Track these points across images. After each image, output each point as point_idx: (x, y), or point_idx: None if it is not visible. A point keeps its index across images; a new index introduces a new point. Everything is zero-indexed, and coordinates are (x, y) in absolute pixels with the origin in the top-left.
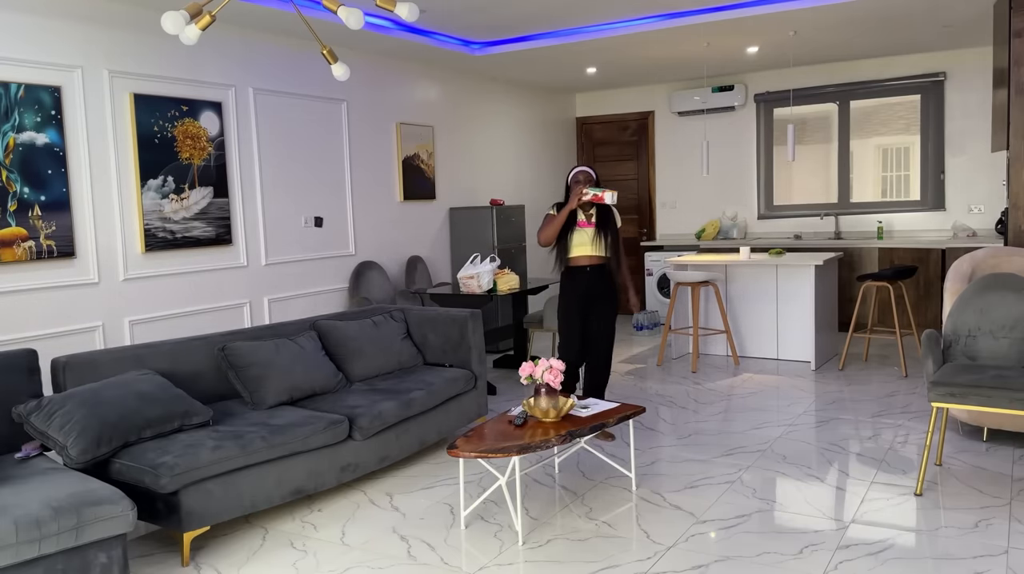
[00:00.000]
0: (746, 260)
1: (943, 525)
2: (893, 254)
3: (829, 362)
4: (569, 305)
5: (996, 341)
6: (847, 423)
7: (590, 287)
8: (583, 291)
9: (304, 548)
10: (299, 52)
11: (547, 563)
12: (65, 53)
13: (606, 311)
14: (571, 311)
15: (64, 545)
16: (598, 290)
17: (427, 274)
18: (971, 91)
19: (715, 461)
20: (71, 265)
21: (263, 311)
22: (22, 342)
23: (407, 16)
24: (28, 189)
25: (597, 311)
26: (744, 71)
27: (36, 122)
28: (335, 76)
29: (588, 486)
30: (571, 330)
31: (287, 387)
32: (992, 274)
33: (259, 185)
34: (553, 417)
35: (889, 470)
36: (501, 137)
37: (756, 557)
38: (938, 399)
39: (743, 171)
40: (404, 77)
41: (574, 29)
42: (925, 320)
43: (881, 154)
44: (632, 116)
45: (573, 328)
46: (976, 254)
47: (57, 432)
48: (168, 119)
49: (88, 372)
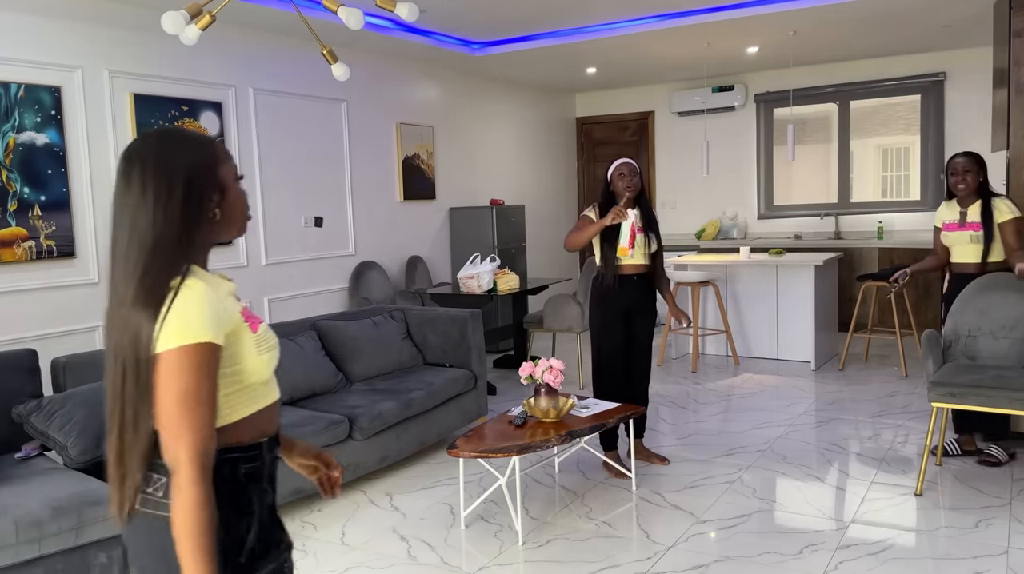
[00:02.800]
0: (746, 260)
1: (943, 525)
2: (893, 254)
3: (829, 362)
4: (611, 319)
5: (996, 341)
6: (847, 423)
7: (636, 299)
8: (628, 303)
9: (304, 548)
10: (299, 52)
11: (547, 563)
12: (65, 53)
13: (648, 326)
14: (612, 326)
15: (64, 545)
16: (642, 302)
17: (427, 274)
18: (971, 91)
19: (715, 461)
20: (71, 265)
21: (263, 311)
22: (22, 342)
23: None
24: (28, 189)
25: (639, 324)
26: (744, 71)
27: (36, 122)
28: (335, 76)
29: (588, 486)
30: (614, 346)
31: (287, 387)
32: (992, 274)
33: (259, 185)
34: (553, 417)
35: (889, 470)
36: (501, 137)
37: (756, 557)
38: (938, 399)
39: (743, 171)
40: (404, 77)
41: (574, 29)
42: (925, 320)
43: (881, 154)
44: (632, 116)
45: (616, 344)
46: None
47: (57, 432)
48: (168, 119)
49: (88, 372)
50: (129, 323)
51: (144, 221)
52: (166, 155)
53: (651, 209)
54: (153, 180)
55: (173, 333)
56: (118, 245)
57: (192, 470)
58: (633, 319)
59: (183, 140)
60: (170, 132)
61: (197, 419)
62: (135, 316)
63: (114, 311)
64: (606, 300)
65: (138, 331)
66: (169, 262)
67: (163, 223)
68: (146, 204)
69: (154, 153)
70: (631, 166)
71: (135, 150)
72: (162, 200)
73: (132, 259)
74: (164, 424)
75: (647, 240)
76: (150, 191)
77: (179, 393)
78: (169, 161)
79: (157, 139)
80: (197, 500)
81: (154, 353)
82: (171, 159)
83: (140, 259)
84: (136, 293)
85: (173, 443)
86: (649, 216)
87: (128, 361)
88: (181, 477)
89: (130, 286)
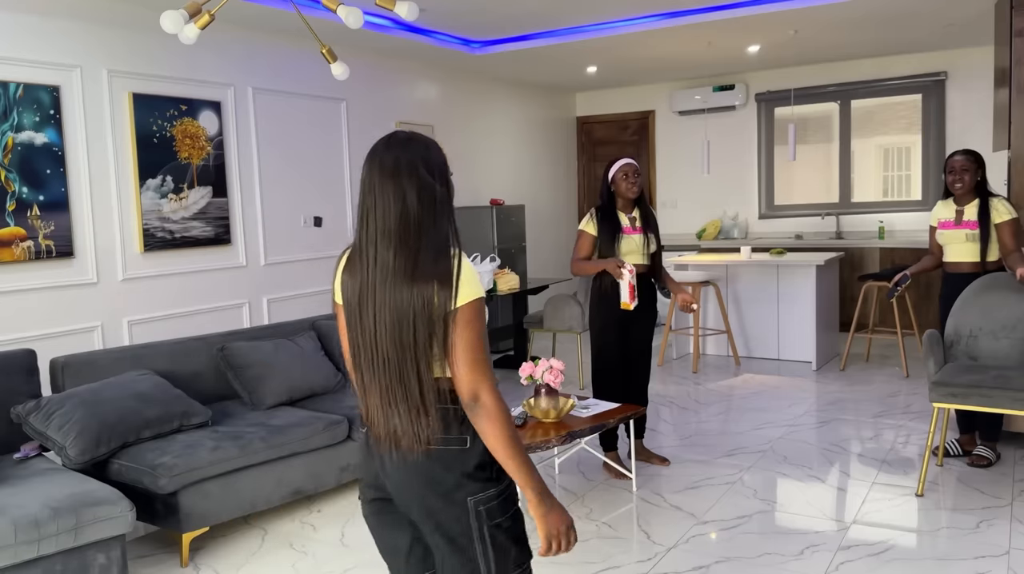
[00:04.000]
0: (747, 260)
1: (944, 526)
2: (894, 254)
3: (830, 362)
4: (611, 319)
5: (997, 341)
6: (848, 423)
7: (637, 299)
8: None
9: (303, 549)
10: (298, 51)
11: (547, 563)
12: (64, 53)
13: (649, 325)
14: (612, 327)
15: (63, 546)
16: (642, 303)
17: None
18: (972, 90)
19: (716, 462)
20: (70, 265)
21: (262, 311)
22: (21, 342)
23: (407, 15)
24: (27, 189)
25: (640, 325)
26: (745, 70)
27: (35, 122)
28: (334, 75)
29: (588, 487)
30: (614, 347)
31: (286, 387)
32: (993, 274)
33: (258, 185)
34: (553, 417)
35: (890, 471)
36: (501, 137)
37: (757, 558)
38: (939, 399)
39: (744, 171)
40: (404, 76)
41: (574, 29)
42: (926, 320)
43: (882, 154)
44: (632, 115)
45: (616, 345)
46: None
47: (56, 432)
48: (167, 118)
49: (87, 372)
50: (421, 292)
51: (427, 210)
52: (434, 154)
53: (650, 209)
54: (427, 177)
55: (468, 291)
56: (399, 234)
57: (494, 392)
58: (633, 320)
59: (434, 143)
60: (423, 137)
61: (488, 355)
62: (426, 285)
63: (396, 286)
64: (606, 300)
65: (430, 296)
66: (446, 240)
67: (443, 212)
68: (427, 197)
69: (422, 153)
70: (635, 167)
71: (403, 150)
72: (439, 192)
73: (417, 242)
74: (466, 360)
75: (647, 240)
76: (428, 186)
77: (478, 334)
78: (438, 159)
79: (423, 142)
80: (505, 414)
81: (452, 309)
82: (438, 157)
83: (426, 241)
84: (424, 268)
85: (475, 374)
86: (648, 216)
87: (421, 320)
88: (487, 399)
89: (418, 263)
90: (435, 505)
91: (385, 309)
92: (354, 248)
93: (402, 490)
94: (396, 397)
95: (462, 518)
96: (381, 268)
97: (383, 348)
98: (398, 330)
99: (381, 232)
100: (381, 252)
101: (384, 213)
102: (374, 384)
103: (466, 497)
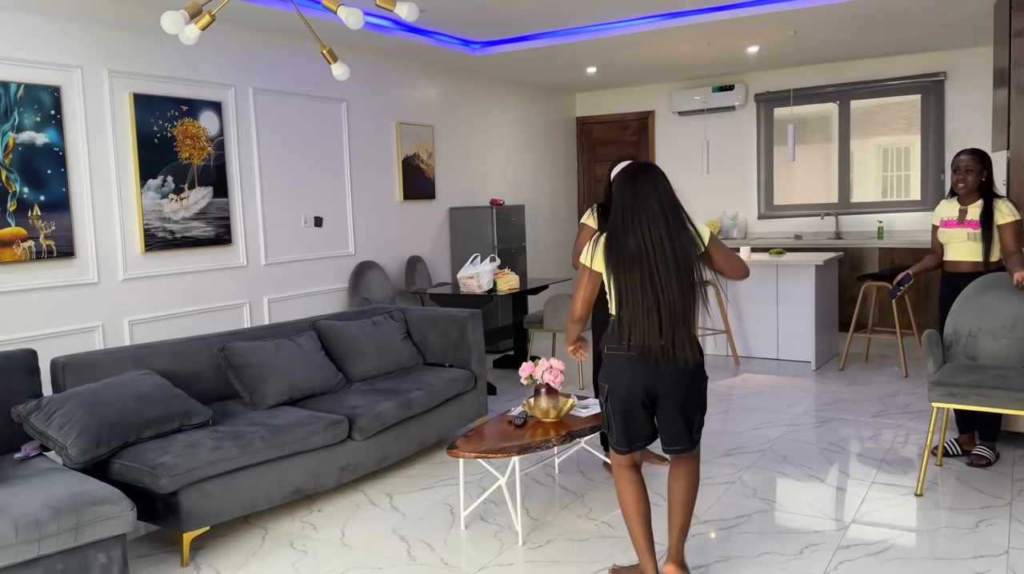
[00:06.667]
0: (746, 260)
1: (943, 525)
2: (894, 254)
3: (829, 362)
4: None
5: (996, 341)
6: (847, 423)
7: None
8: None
9: (304, 548)
10: (299, 52)
11: (547, 563)
12: (65, 53)
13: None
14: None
15: (63, 545)
16: None
17: (427, 274)
18: (971, 91)
19: (715, 461)
20: (70, 265)
21: (263, 311)
22: (22, 342)
23: (407, 16)
24: (28, 189)
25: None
26: (744, 71)
27: (36, 122)
28: (335, 76)
29: (588, 486)
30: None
31: (287, 387)
32: (993, 274)
33: (259, 185)
34: (553, 417)
35: (889, 470)
36: (501, 137)
37: (756, 557)
38: (938, 399)
39: (743, 171)
40: (404, 77)
41: (574, 29)
42: (925, 320)
43: (881, 154)
44: (632, 116)
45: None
46: None
47: (57, 432)
48: (168, 119)
49: (88, 372)
50: (686, 245)
51: (674, 197)
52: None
53: None
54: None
55: (704, 235)
56: (668, 213)
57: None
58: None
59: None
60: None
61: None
62: (689, 239)
63: (674, 243)
64: (607, 300)
65: (690, 246)
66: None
67: (676, 196)
68: (670, 190)
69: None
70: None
71: (652, 166)
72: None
73: (678, 214)
74: (729, 257)
75: None
76: (668, 184)
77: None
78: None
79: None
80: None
81: (701, 251)
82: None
83: (682, 214)
84: (686, 228)
85: (737, 263)
86: None
87: (692, 263)
88: (746, 269)
89: (682, 225)
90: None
91: (672, 261)
92: (619, 231)
93: (676, 386)
94: (679, 326)
95: (701, 390)
96: (665, 234)
97: (671, 291)
98: (678, 274)
99: (660, 215)
100: (666, 225)
101: (666, 202)
102: (656, 321)
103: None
